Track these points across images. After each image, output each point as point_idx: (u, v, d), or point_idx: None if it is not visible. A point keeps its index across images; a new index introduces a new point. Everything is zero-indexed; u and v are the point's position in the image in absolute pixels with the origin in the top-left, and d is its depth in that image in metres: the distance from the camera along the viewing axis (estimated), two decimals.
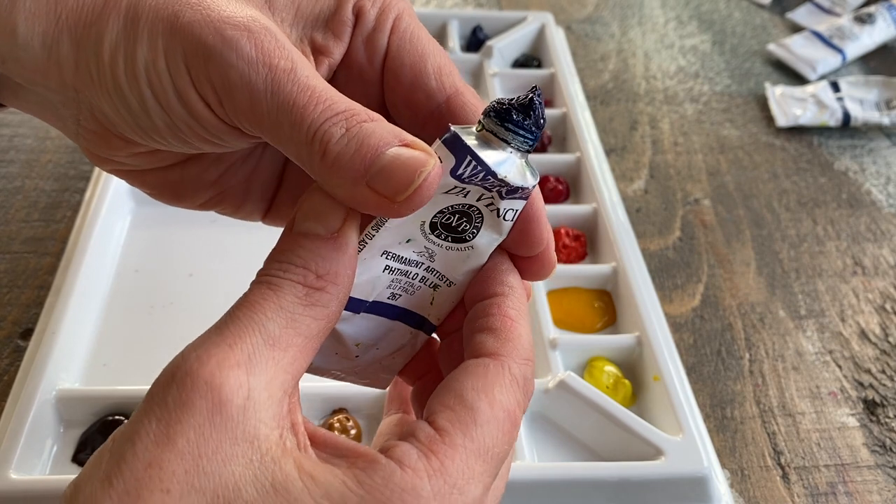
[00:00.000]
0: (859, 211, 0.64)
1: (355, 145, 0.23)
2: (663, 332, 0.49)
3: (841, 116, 0.71)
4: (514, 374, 0.24)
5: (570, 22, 0.85)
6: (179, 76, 0.24)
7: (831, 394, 0.50)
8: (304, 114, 0.23)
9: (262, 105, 0.23)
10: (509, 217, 0.26)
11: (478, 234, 0.26)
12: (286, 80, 0.23)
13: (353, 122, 0.23)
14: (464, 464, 0.22)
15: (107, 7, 0.25)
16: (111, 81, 0.25)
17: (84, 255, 0.50)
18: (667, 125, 0.72)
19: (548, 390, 0.45)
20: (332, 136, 0.23)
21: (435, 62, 0.27)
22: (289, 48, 0.24)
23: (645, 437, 0.42)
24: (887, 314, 0.56)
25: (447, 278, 0.27)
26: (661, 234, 0.61)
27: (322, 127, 0.23)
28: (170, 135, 0.26)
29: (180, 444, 0.20)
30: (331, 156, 0.23)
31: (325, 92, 0.24)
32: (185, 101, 0.24)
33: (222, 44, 0.24)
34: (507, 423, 0.23)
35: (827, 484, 0.45)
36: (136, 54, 0.24)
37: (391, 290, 0.27)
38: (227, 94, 0.24)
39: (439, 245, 0.26)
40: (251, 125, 0.24)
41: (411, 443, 0.22)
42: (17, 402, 0.42)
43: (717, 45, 0.83)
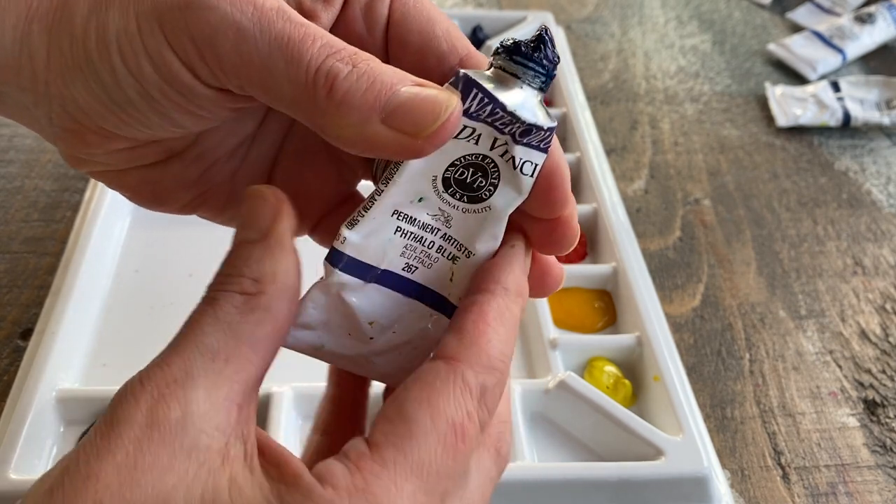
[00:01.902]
0: (859, 211, 0.64)
1: (366, 81, 0.21)
2: (663, 333, 0.49)
3: (841, 116, 0.71)
4: (468, 382, 0.22)
5: (570, 21, 0.85)
6: (152, 37, 0.22)
7: (831, 394, 0.50)
8: (302, 49, 0.21)
9: (251, 46, 0.22)
10: (527, 170, 0.24)
11: (495, 191, 0.24)
12: (276, 17, 0.22)
13: (358, 59, 0.22)
14: (391, 482, 0.20)
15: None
16: (83, 56, 0.23)
17: (84, 255, 0.50)
18: (667, 125, 0.72)
19: (548, 390, 0.44)
20: (339, 71, 0.21)
21: (443, 26, 0.26)
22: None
23: (645, 437, 0.42)
24: (887, 314, 0.56)
25: (465, 248, 0.25)
26: (661, 234, 0.61)
27: (326, 62, 0.21)
28: (146, 108, 0.24)
29: (119, 457, 0.19)
30: (339, 92, 0.21)
31: (320, 30, 0.22)
32: (159, 63, 0.23)
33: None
34: (450, 437, 0.21)
35: (827, 484, 0.45)
36: (108, 23, 0.23)
37: (405, 259, 0.25)
38: (208, 42, 0.22)
39: (454, 206, 0.25)
40: (237, 74, 0.22)
41: (340, 458, 0.21)
42: (17, 402, 0.42)
43: (718, 45, 0.83)
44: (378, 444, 0.21)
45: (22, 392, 0.42)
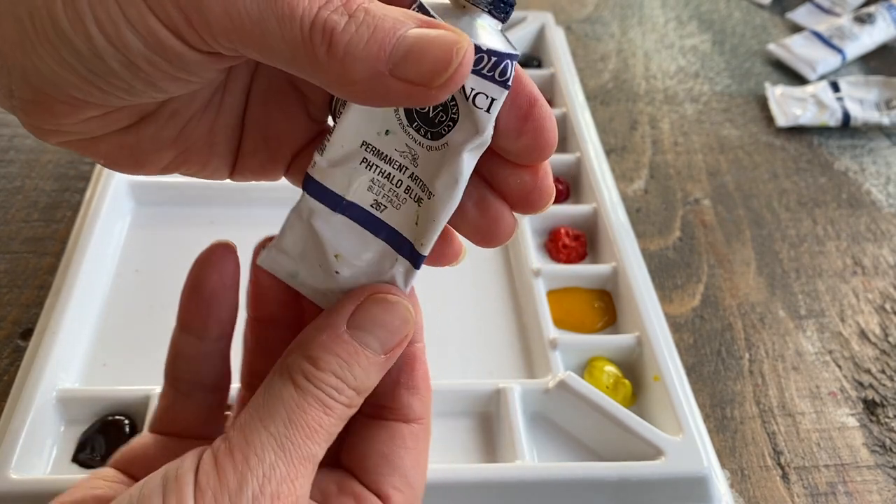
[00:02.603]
0: (859, 211, 0.64)
1: (367, 30, 0.20)
2: (663, 332, 0.49)
3: (841, 116, 0.71)
4: (430, 433, 0.26)
5: (570, 22, 0.85)
6: (132, 5, 0.21)
7: (831, 394, 0.50)
8: (293, 4, 0.20)
9: (240, 7, 0.20)
10: (481, 103, 0.22)
11: (454, 126, 0.23)
12: None
13: (353, 6, 0.21)
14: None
15: None
16: (50, 26, 0.21)
17: (84, 255, 0.50)
18: (667, 125, 0.72)
19: (548, 390, 0.45)
20: (335, 24, 0.20)
21: None
22: None
23: (645, 437, 0.42)
24: (887, 314, 0.56)
25: (428, 189, 0.24)
26: (661, 234, 0.61)
27: (319, 15, 0.20)
28: (129, 76, 0.22)
29: None
30: (339, 46, 0.20)
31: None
32: (144, 32, 0.21)
33: None
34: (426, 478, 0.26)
35: (827, 484, 0.45)
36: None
37: (373, 195, 0.25)
38: (195, 8, 0.20)
39: (419, 143, 0.24)
40: (229, 38, 0.21)
41: None
42: (17, 402, 0.42)
43: (717, 45, 0.83)
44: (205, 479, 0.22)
45: (22, 392, 0.42)
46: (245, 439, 0.22)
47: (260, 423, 0.22)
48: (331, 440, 0.23)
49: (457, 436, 0.44)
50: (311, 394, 0.23)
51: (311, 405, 0.23)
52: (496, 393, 0.45)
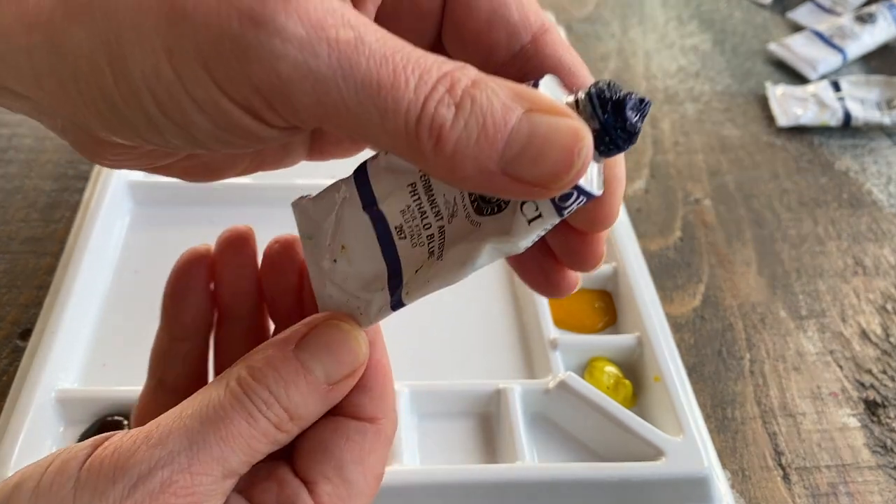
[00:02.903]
0: (860, 211, 0.64)
1: (476, 125, 0.18)
2: (664, 333, 0.49)
3: (842, 116, 0.71)
4: (388, 436, 0.24)
5: (571, 21, 0.85)
6: (198, 84, 0.18)
7: (832, 394, 0.50)
8: (397, 96, 0.18)
9: (334, 96, 0.18)
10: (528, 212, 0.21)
11: (494, 214, 0.22)
12: (358, 56, 0.18)
13: (458, 92, 0.18)
14: None
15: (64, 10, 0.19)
16: (101, 100, 0.19)
17: (83, 255, 0.50)
18: (667, 125, 0.72)
19: (548, 391, 0.44)
20: (444, 120, 0.18)
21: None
22: (337, 6, 0.18)
23: (645, 437, 0.42)
24: (888, 314, 0.56)
25: (443, 251, 0.23)
26: (661, 234, 0.60)
27: (426, 109, 0.18)
28: (190, 147, 0.20)
29: None
30: (448, 144, 0.18)
31: (406, 57, 0.18)
32: (213, 113, 0.19)
33: (256, 30, 0.17)
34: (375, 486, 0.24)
35: (828, 485, 0.45)
36: (127, 62, 0.18)
37: (402, 219, 0.23)
38: (278, 94, 0.18)
39: (464, 204, 0.22)
40: (319, 121, 0.19)
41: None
42: (17, 402, 0.42)
43: (718, 45, 0.83)
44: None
45: (21, 392, 0.42)
46: (158, 425, 0.22)
47: (179, 416, 0.22)
48: (252, 455, 0.22)
49: (457, 436, 0.44)
50: (238, 400, 0.22)
51: (235, 411, 0.22)
52: (496, 393, 0.45)
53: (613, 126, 0.19)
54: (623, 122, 0.19)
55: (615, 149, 0.20)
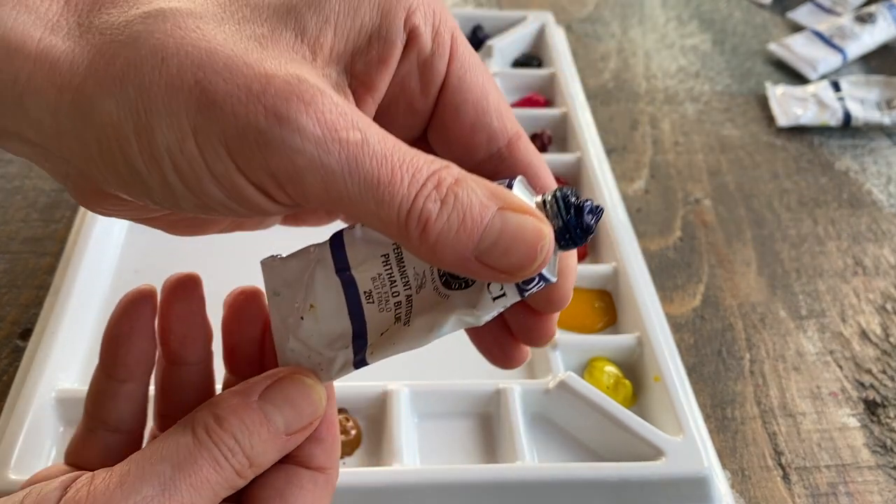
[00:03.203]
0: (860, 211, 0.64)
1: (457, 219, 0.21)
2: (664, 333, 0.49)
3: (842, 116, 0.71)
4: (334, 485, 0.26)
5: (571, 21, 0.85)
6: (218, 161, 0.21)
7: (832, 394, 0.50)
8: (392, 191, 0.21)
9: (340, 187, 0.21)
10: (493, 291, 0.24)
11: (463, 288, 0.24)
12: (363, 156, 0.21)
13: (444, 189, 0.21)
14: None
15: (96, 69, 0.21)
16: (122, 163, 0.21)
17: (83, 255, 0.50)
18: (667, 125, 0.72)
19: (548, 391, 0.44)
20: (430, 213, 0.21)
21: (495, 98, 0.25)
22: (348, 110, 0.21)
23: (645, 437, 0.42)
24: (888, 314, 0.56)
25: (410, 317, 0.26)
26: (661, 234, 0.60)
27: (415, 204, 0.21)
28: (198, 212, 0.23)
29: None
30: (432, 234, 0.21)
31: (402, 157, 0.21)
32: (228, 186, 0.21)
33: (280, 126, 0.20)
34: None
35: (828, 484, 0.45)
36: (153, 133, 0.21)
37: (372, 286, 0.26)
38: (292, 181, 0.21)
39: (432, 278, 0.25)
40: (322, 205, 0.22)
41: None
42: (17, 402, 0.42)
43: (718, 45, 0.83)
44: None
45: (21, 392, 0.42)
46: (130, 470, 0.23)
47: (149, 461, 0.23)
48: (215, 500, 0.24)
49: (457, 436, 0.44)
50: (206, 447, 0.23)
51: (204, 458, 0.23)
52: (496, 393, 0.45)
53: (574, 226, 0.23)
54: (582, 223, 0.23)
55: (573, 244, 0.23)
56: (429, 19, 0.24)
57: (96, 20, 0.22)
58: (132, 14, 0.22)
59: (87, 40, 0.21)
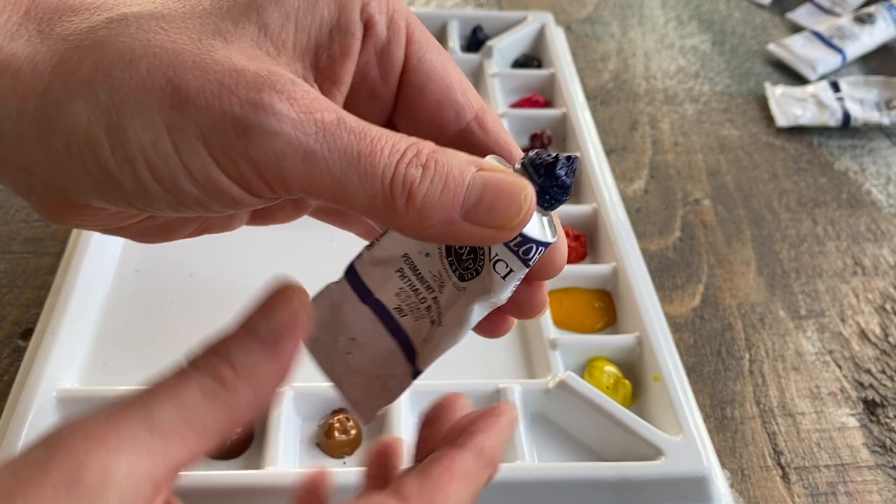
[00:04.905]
0: (859, 211, 0.64)
1: (440, 180, 0.22)
2: (663, 333, 0.49)
3: (841, 116, 0.71)
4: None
5: (570, 22, 0.85)
6: (194, 156, 0.21)
7: (831, 394, 0.50)
8: (374, 162, 0.21)
9: (321, 165, 0.21)
10: (500, 269, 0.24)
11: (474, 277, 0.25)
12: (341, 132, 0.21)
13: (423, 156, 0.22)
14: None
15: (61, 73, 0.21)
16: (94, 164, 0.21)
17: (84, 255, 0.50)
18: (667, 125, 0.72)
19: (548, 390, 0.45)
20: (413, 177, 0.21)
21: (457, 75, 0.26)
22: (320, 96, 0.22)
23: (645, 437, 0.42)
24: (887, 314, 0.56)
25: (441, 318, 0.26)
26: (661, 234, 0.61)
27: (398, 170, 0.21)
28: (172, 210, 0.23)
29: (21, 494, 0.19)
30: (418, 198, 0.21)
31: (379, 132, 0.22)
32: (203, 182, 0.22)
33: (256, 112, 0.21)
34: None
35: (827, 484, 0.45)
36: (127, 133, 0.21)
37: (399, 300, 0.26)
38: (272, 166, 0.21)
39: (448, 275, 0.25)
40: (304, 191, 0.22)
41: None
42: (17, 402, 0.42)
43: (717, 45, 0.83)
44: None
45: (22, 392, 0.42)
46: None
47: None
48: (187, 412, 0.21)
49: None
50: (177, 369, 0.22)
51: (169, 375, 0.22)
52: (496, 393, 0.45)
53: (550, 185, 0.23)
54: (556, 179, 0.23)
55: (556, 202, 0.24)
56: (383, 8, 0.24)
57: (58, 28, 0.22)
58: (95, 20, 0.22)
59: (49, 47, 0.22)
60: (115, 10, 0.22)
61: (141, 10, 0.22)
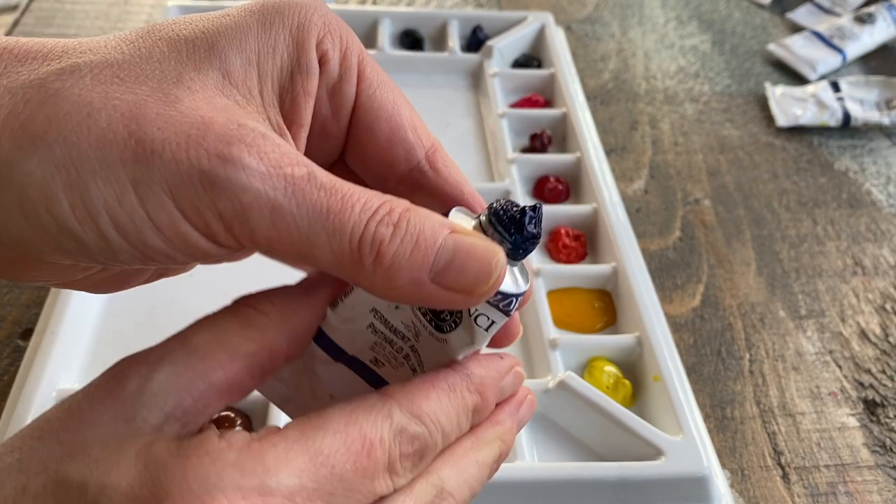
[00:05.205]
0: (859, 211, 0.64)
1: (411, 240, 0.21)
2: (663, 333, 0.49)
3: (841, 116, 0.71)
4: (392, 416, 0.22)
5: (570, 22, 0.85)
6: (162, 211, 0.20)
7: (831, 394, 0.50)
8: (343, 219, 0.21)
9: (288, 221, 0.21)
10: (482, 322, 0.24)
11: (454, 329, 0.24)
12: (310, 188, 0.21)
13: (396, 216, 0.21)
14: (284, 451, 0.20)
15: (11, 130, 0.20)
16: (50, 221, 0.20)
17: None
18: (667, 125, 0.72)
19: (548, 390, 0.45)
20: (383, 237, 0.21)
21: (408, 113, 0.25)
22: (291, 150, 0.21)
23: (645, 437, 0.42)
24: (887, 314, 0.56)
25: (423, 366, 0.26)
26: (661, 234, 0.61)
27: (367, 229, 0.21)
28: (135, 262, 0.22)
29: (69, 403, 0.21)
30: (386, 258, 0.21)
31: (352, 189, 0.21)
32: (170, 235, 0.21)
33: (224, 166, 0.20)
34: (356, 445, 0.21)
35: (827, 484, 0.45)
36: (89, 190, 0.20)
37: (375, 353, 0.26)
38: (240, 219, 0.21)
39: (423, 326, 0.25)
40: (270, 245, 0.21)
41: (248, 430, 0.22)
42: (17, 402, 0.42)
43: (717, 45, 0.83)
44: (288, 426, 0.22)
45: (22, 392, 0.42)
46: None
47: None
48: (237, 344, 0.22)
49: None
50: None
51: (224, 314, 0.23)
52: None
53: (521, 241, 0.23)
54: (527, 234, 0.23)
55: (527, 252, 0.24)
56: (337, 44, 0.24)
57: (3, 80, 0.21)
58: (44, 71, 0.21)
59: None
60: (65, 59, 0.21)
61: (94, 60, 0.21)
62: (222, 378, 0.22)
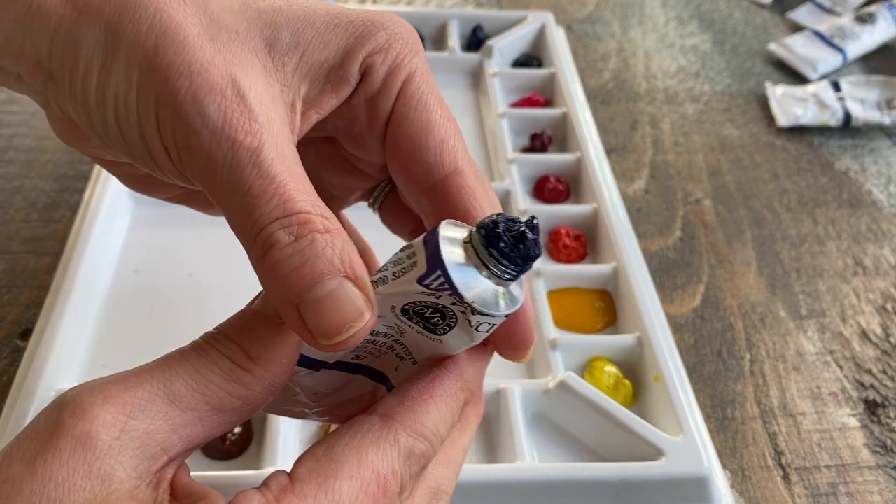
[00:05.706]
0: (860, 211, 0.64)
1: (298, 261, 0.21)
2: (664, 333, 0.49)
3: (842, 116, 0.71)
4: (399, 442, 0.23)
5: (571, 21, 0.85)
6: (148, 119, 0.23)
7: (832, 394, 0.50)
8: (256, 205, 0.22)
9: (217, 178, 0.22)
10: (483, 329, 0.24)
11: (449, 331, 0.24)
12: (247, 162, 0.22)
13: (306, 230, 0.21)
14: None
15: (88, 9, 0.23)
16: (80, 93, 0.24)
17: (83, 255, 0.50)
18: (667, 125, 0.72)
19: (548, 390, 0.44)
20: (277, 240, 0.21)
21: (438, 135, 0.26)
22: (261, 122, 0.22)
23: (645, 437, 0.42)
24: (888, 314, 0.56)
25: (413, 356, 0.26)
26: (661, 234, 0.60)
27: (269, 227, 0.21)
28: (125, 158, 0.25)
29: (38, 463, 0.19)
30: (270, 260, 0.21)
31: (286, 183, 0.22)
32: (148, 144, 0.23)
33: (192, 104, 0.22)
34: (372, 486, 0.22)
35: (828, 484, 0.45)
36: (110, 78, 0.23)
37: (356, 352, 0.26)
38: (186, 154, 0.23)
39: (410, 326, 0.24)
40: (204, 188, 0.23)
41: (260, 490, 0.21)
42: (17, 402, 0.42)
43: (718, 45, 0.83)
44: (300, 479, 0.21)
45: (21, 392, 0.42)
46: None
47: None
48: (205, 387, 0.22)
49: None
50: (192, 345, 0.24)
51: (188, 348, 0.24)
52: (496, 393, 0.45)
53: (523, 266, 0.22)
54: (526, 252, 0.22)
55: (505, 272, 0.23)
56: (387, 61, 0.26)
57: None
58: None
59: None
60: None
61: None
62: (199, 435, 0.22)
